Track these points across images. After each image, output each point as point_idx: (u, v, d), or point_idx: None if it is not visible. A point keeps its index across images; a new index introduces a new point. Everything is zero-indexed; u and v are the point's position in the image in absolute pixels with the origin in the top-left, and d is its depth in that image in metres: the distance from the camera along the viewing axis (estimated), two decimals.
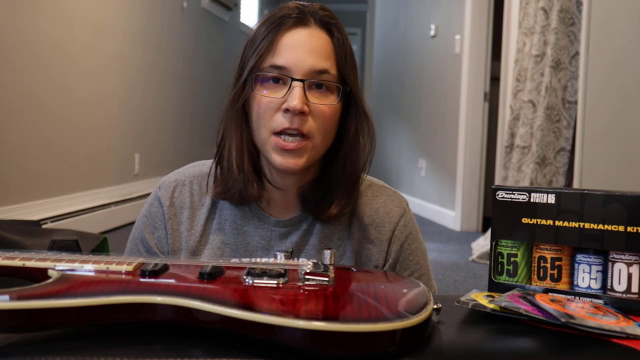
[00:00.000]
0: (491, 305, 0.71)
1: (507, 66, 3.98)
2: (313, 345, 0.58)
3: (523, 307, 0.70)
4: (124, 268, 0.70)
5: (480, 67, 4.61)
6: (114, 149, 4.21)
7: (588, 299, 0.78)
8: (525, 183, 3.54)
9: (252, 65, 0.92)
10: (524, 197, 0.81)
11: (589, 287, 0.79)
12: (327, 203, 0.97)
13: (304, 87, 0.90)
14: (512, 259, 0.82)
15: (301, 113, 0.89)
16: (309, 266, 0.71)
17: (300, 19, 0.92)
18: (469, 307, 0.73)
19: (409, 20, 6.11)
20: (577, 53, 3.37)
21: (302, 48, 0.91)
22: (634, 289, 0.76)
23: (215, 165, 0.99)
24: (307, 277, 0.69)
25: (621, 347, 0.64)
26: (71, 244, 1.23)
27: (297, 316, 0.59)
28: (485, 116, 4.67)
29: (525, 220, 0.81)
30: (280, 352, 0.59)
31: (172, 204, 1.00)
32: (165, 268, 0.71)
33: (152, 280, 0.68)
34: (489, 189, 4.38)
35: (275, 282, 0.68)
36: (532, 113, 3.59)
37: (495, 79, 4.49)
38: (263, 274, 0.69)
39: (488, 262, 0.84)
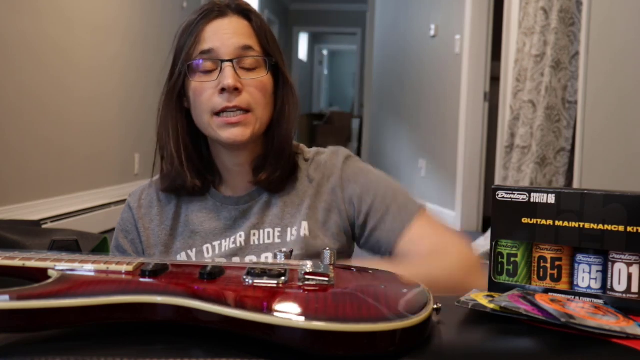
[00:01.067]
0: (491, 305, 0.71)
1: (507, 66, 3.98)
2: (313, 345, 0.58)
3: (523, 307, 0.70)
4: (124, 268, 0.70)
5: (480, 67, 4.61)
6: (114, 149, 4.21)
7: (588, 299, 0.78)
8: (525, 183, 3.54)
9: (183, 57, 1.00)
10: (524, 197, 0.81)
11: (589, 287, 0.79)
12: (273, 171, 1.02)
13: (233, 66, 0.97)
14: (512, 259, 0.82)
15: (235, 90, 0.96)
16: (308, 266, 0.71)
17: (220, 12, 1.01)
18: (469, 307, 0.73)
19: (409, 20, 6.11)
20: (577, 53, 3.37)
21: (225, 32, 0.99)
22: (634, 289, 0.76)
23: (161, 161, 1.05)
24: (307, 277, 0.69)
25: (621, 347, 0.64)
26: (71, 244, 1.23)
27: (297, 316, 0.59)
28: (485, 116, 4.67)
29: (525, 220, 0.81)
30: (280, 352, 0.59)
31: (140, 205, 1.07)
32: (165, 268, 0.71)
33: (152, 280, 0.68)
34: (489, 189, 4.38)
35: (275, 282, 0.68)
36: (532, 113, 3.59)
37: (495, 79, 4.49)
38: (263, 273, 0.69)
39: (488, 262, 0.84)
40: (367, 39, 8.23)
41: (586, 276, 0.79)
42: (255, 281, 0.68)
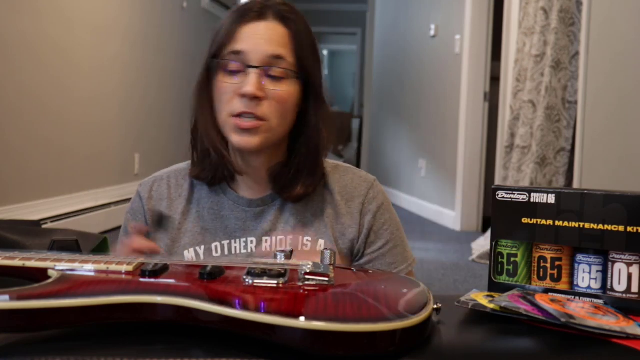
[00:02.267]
0: (491, 305, 0.71)
1: (507, 66, 3.98)
2: (313, 345, 0.58)
3: (523, 307, 0.70)
4: (124, 268, 0.70)
5: (480, 67, 4.61)
6: (114, 149, 4.21)
7: (588, 299, 0.78)
8: (525, 183, 3.54)
9: (214, 52, 0.99)
10: (524, 197, 0.81)
11: (589, 287, 0.79)
12: (293, 183, 1.02)
13: (259, 73, 0.96)
14: (512, 259, 0.82)
15: (256, 98, 0.95)
16: (309, 266, 0.71)
17: (260, 13, 0.99)
18: (469, 307, 0.73)
19: (409, 20, 6.11)
20: (577, 53, 3.37)
21: (260, 36, 0.97)
22: (634, 289, 0.76)
23: (192, 150, 1.06)
24: (307, 277, 0.69)
25: (621, 347, 0.64)
26: (71, 244, 1.22)
27: (298, 316, 0.59)
28: (485, 116, 4.67)
29: (525, 220, 0.81)
30: (280, 352, 0.59)
31: (151, 197, 1.07)
32: (165, 268, 0.71)
33: (152, 280, 0.68)
34: (489, 189, 4.37)
35: (275, 282, 0.68)
36: (532, 113, 3.59)
37: (495, 79, 4.49)
38: (263, 274, 0.69)
39: (488, 262, 0.84)
40: (367, 39, 8.23)
41: (586, 276, 0.79)
42: (255, 281, 0.68)
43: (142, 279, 0.68)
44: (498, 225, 0.83)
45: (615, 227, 0.76)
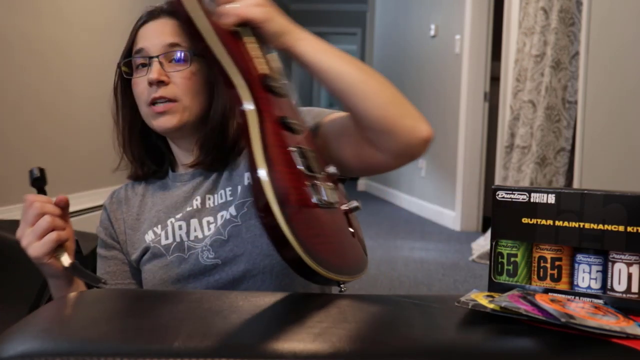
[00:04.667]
0: (491, 305, 0.71)
1: (507, 66, 3.98)
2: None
3: (523, 307, 0.70)
4: None
5: (480, 67, 4.61)
6: (113, 149, 4.20)
7: (588, 299, 0.78)
8: (525, 183, 3.54)
9: (122, 58, 1.14)
10: (524, 197, 0.81)
11: (589, 287, 0.79)
12: (206, 155, 1.11)
13: (160, 61, 1.07)
14: (512, 259, 0.82)
15: (160, 82, 1.06)
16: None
17: (152, 15, 1.14)
18: (469, 307, 0.73)
19: (409, 20, 6.11)
20: (577, 53, 3.37)
21: (154, 31, 1.11)
22: (634, 289, 0.76)
23: (122, 157, 1.21)
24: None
25: (621, 347, 0.64)
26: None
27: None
28: (485, 116, 4.67)
29: (525, 220, 0.81)
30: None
31: (112, 202, 1.21)
32: None
33: None
34: (489, 189, 4.38)
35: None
36: (532, 113, 3.59)
37: (495, 79, 4.49)
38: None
39: (488, 262, 0.84)
40: (367, 39, 8.23)
41: (586, 276, 0.79)
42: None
43: None
44: (498, 225, 0.83)
45: (615, 227, 0.76)
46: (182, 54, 1.08)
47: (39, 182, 1.06)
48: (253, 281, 1.03)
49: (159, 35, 1.10)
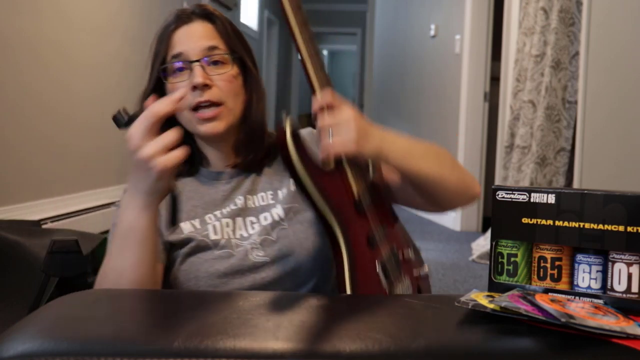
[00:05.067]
0: (491, 305, 0.71)
1: (507, 66, 3.98)
2: None
3: (523, 307, 0.70)
4: None
5: (480, 67, 4.61)
6: (114, 149, 4.21)
7: (588, 299, 0.78)
8: (525, 183, 3.54)
9: (158, 62, 1.13)
10: (524, 197, 0.81)
11: (589, 287, 0.79)
12: (247, 155, 1.15)
13: (201, 65, 1.08)
14: (512, 259, 0.82)
15: (205, 86, 1.07)
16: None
17: (187, 18, 1.13)
18: (469, 307, 0.73)
19: (409, 20, 6.11)
20: (577, 53, 3.37)
21: (191, 36, 1.11)
22: (634, 289, 0.76)
23: None
24: None
25: (621, 347, 0.64)
26: (71, 244, 1.23)
27: None
28: (485, 116, 4.67)
29: (525, 220, 0.81)
30: None
31: None
32: None
33: None
34: (489, 189, 4.37)
35: None
36: (532, 113, 3.59)
37: (495, 79, 4.49)
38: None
39: (488, 262, 0.84)
40: (367, 39, 8.23)
41: (586, 276, 0.79)
42: None
43: None
44: (498, 225, 0.83)
45: (615, 227, 0.76)
46: (223, 57, 1.10)
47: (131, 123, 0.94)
48: (296, 280, 1.08)
49: (196, 39, 1.10)
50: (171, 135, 0.88)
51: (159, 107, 0.90)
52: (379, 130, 1.00)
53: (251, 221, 1.12)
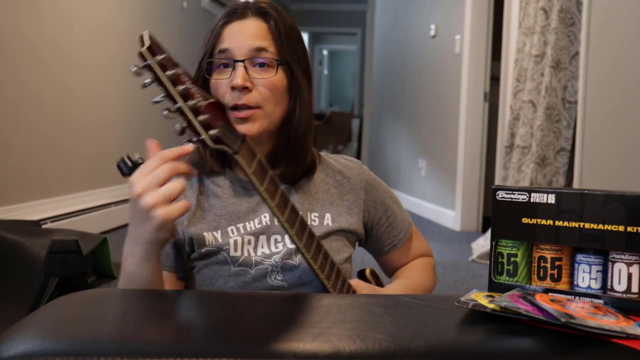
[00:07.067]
0: (491, 305, 0.71)
1: (507, 66, 3.98)
2: None
3: (523, 307, 0.70)
4: None
5: (480, 67, 4.61)
6: (114, 149, 4.21)
7: (588, 299, 0.78)
8: (525, 183, 3.54)
9: (206, 54, 1.08)
10: (524, 197, 0.81)
11: (589, 287, 0.79)
12: (290, 165, 1.11)
13: (245, 66, 1.04)
14: (512, 259, 0.82)
15: (245, 88, 1.03)
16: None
17: (242, 13, 1.08)
18: (469, 307, 0.73)
19: (409, 20, 6.11)
20: (577, 53, 3.37)
21: (241, 33, 1.06)
22: (634, 289, 0.76)
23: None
24: None
25: (621, 347, 0.64)
26: (71, 244, 1.23)
27: None
28: (485, 116, 4.67)
29: (525, 220, 0.81)
30: None
31: None
32: None
33: None
34: (489, 189, 4.37)
35: None
36: (532, 113, 3.59)
37: (495, 79, 4.49)
38: None
39: (488, 262, 0.84)
40: (367, 39, 8.23)
41: (586, 276, 0.79)
42: None
43: None
44: (498, 225, 0.83)
45: (615, 227, 0.76)
46: (269, 61, 1.05)
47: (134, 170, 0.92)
48: None
49: (246, 37, 1.05)
50: (175, 185, 0.84)
51: (165, 154, 0.87)
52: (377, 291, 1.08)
53: (275, 240, 1.08)
